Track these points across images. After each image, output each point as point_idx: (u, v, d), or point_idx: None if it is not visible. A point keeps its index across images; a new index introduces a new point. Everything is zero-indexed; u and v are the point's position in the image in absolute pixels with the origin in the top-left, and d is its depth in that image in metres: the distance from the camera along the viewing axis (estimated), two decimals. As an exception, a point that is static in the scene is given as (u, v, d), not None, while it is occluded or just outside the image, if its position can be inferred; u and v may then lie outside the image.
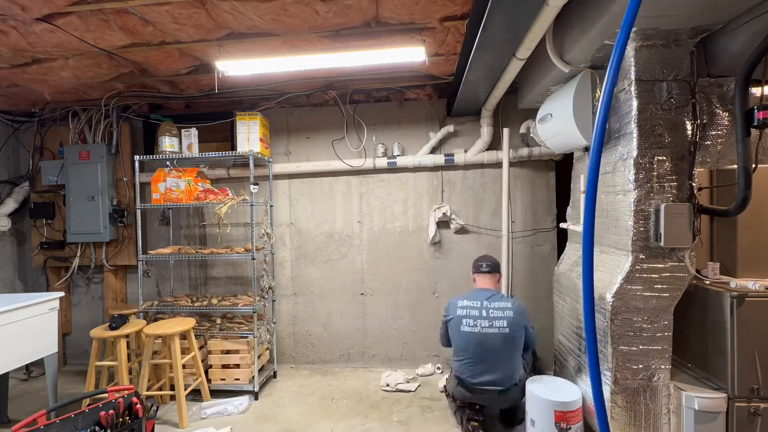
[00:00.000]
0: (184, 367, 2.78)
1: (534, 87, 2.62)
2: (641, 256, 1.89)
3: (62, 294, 2.69)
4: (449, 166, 3.36)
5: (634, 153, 1.88)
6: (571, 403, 2.09)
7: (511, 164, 3.31)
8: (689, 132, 1.87)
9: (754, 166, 1.73)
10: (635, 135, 1.88)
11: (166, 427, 2.64)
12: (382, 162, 3.39)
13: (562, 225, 2.68)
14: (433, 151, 3.39)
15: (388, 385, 3.10)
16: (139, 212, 3.22)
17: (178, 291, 3.64)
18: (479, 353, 2.34)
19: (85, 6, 1.99)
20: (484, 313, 2.36)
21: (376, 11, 2.14)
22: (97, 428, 1.96)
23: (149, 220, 3.68)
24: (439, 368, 3.37)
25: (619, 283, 1.91)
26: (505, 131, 3.12)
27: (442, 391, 2.98)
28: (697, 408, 1.82)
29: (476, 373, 2.35)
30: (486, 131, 3.23)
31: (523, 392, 2.34)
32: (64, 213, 3.57)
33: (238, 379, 3.00)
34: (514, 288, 3.34)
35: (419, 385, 3.13)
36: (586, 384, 2.22)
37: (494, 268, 2.60)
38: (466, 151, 3.30)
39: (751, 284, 1.86)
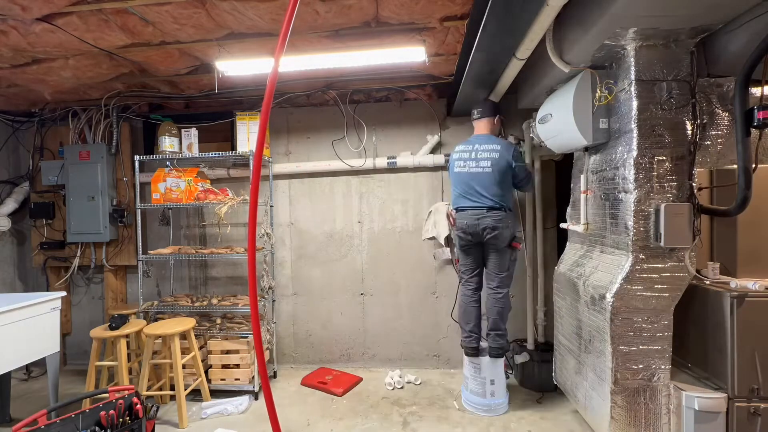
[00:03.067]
0: (184, 367, 2.78)
1: (534, 87, 2.62)
2: (641, 256, 1.89)
3: (64, 293, 2.68)
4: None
5: (634, 153, 1.88)
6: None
7: (511, 164, 3.32)
8: (689, 132, 1.87)
9: (754, 166, 1.73)
10: (635, 135, 1.88)
11: (166, 427, 2.64)
12: (382, 162, 3.39)
13: (562, 225, 2.67)
14: (433, 151, 3.39)
15: (389, 384, 3.11)
16: (139, 212, 3.22)
17: (178, 291, 3.64)
18: (467, 189, 2.68)
19: (85, 6, 1.99)
20: (473, 155, 2.66)
21: (376, 11, 2.14)
22: (97, 428, 1.96)
23: (149, 220, 3.69)
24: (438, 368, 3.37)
25: (619, 283, 1.91)
26: (525, 128, 3.11)
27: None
28: (697, 408, 1.82)
29: (466, 202, 2.70)
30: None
31: (510, 224, 2.64)
32: (64, 213, 3.57)
33: (238, 379, 3.00)
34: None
35: (420, 385, 3.14)
36: (588, 383, 2.22)
37: (485, 113, 2.73)
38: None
39: (751, 284, 1.86)
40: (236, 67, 2.62)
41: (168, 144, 3.17)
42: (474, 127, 2.82)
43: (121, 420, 2.05)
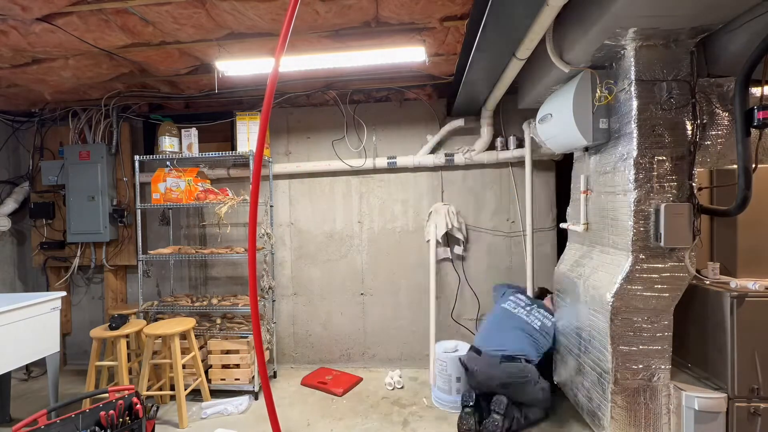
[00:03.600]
0: (184, 367, 2.78)
1: (534, 87, 2.62)
2: (641, 256, 1.89)
3: (64, 293, 2.69)
4: (449, 166, 3.36)
5: (634, 153, 1.88)
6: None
7: (512, 164, 3.32)
8: (689, 132, 1.87)
9: (754, 166, 1.73)
10: (635, 135, 1.88)
11: (166, 427, 2.64)
12: (382, 162, 3.39)
13: (562, 225, 2.68)
14: (433, 151, 3.39)
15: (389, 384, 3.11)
16: (139, 212, 3.22)
17: (178, 291, 3.64)
18: (498, 326, 2.61)
19: (85, 6, 1.99)
20: (526, 310, 2.70)
21: (376, 11, 2.14)
22: (97, 428, 1.96)
23: (149, 220, 3.69)
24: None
25: (619, 283, 1.91)
26: (526, 127, 3.11)
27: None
28: (697, 408, 1.82)
29: (488, 340, 2.58)
30: (486, 131, 3.23)
31: (536, 383, 2.40)
32: (64, 213, 3.57)
33: (238, 379, 3.00)
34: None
35: (420, 385, 3.14)
36: (588, 383, 2.22)
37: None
38: (466, 151, 3.30)
39: (751, 284, 1.86)
40: (236, 67, 2.62)
41: (168, 144, 3.17)
42: None
43: (121, 420, 2.05)
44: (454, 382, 2.76)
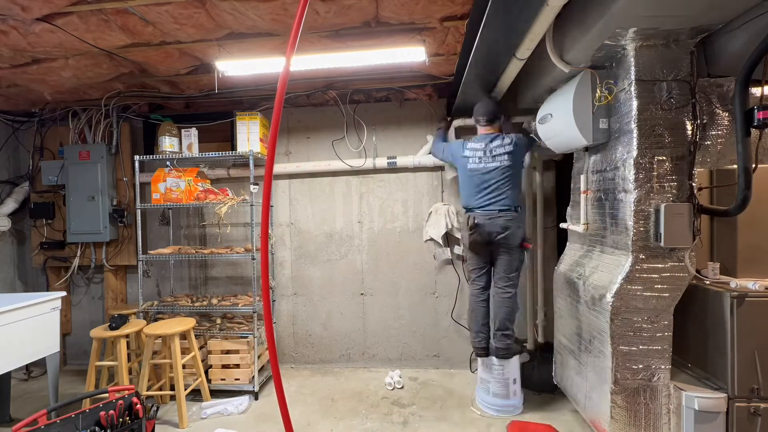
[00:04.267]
0: (184, 367, 2.78)
1: (534, 87, 2.62)
2: (641, 256, 1.89)
3: (64, 293, 2.68)
4: (449, 166, 3.36)
5: (634, 153, 1.88)
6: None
7: (511, 164, 3.32)
8: (689, 132, 1.87)
9: (754, 166, 1.73)
10: (635, 135, 1.88)
11: (166, 427, 2.64)
12: (382, 162, 3.39)
13: (562, 225, 2.68)
14: (433, 151, 3.39)
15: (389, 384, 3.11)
16: (139, 212, 3.22)
17: (178, 291, 3.64)
18: (479, 188, 2.64)
19: (85, 6, 1.99)
20: (488, 153, 2.63)
21: (376, 11, 2.14)
22: (97, 428, 1.96)
23: (149, 220, 3.69)
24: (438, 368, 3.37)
25: (619, 283, 1.91)
26: (526, 127, 3.11)
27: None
28: (697, 408, 1.82)
29: (477, 201, 2.66)
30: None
31: (521, 224, 2.68)
32: (64, 213, 3.57)
33: (238, 379, 3.00)
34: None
35: (420, 385, 3.14)
36: (588, 383, 2.22)
37: (491, 117, 2.70)
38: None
39: (751, 284, 1.86)
40: (236, 67, 2.62)
41: (168, 144, 3.17)
42: (478, 130, 2.78)
43: (121, 420, 2.05)
44: (512, 384, 2.67)
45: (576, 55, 2.01)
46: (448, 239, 3.38)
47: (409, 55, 2.49)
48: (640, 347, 1.92)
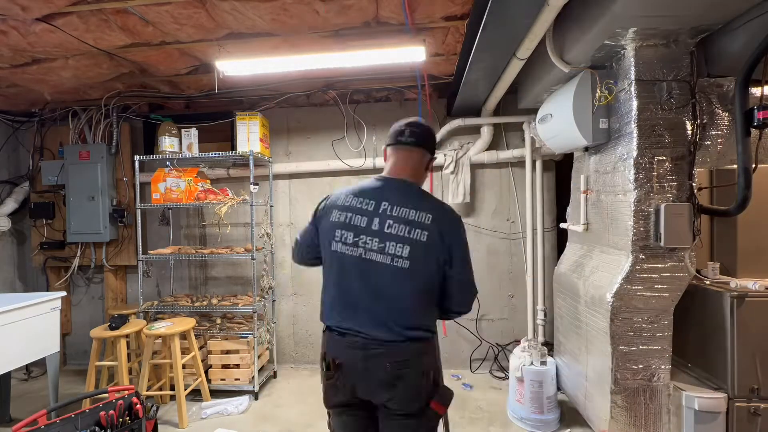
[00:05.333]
0: (184, 367, 2.78)
1: (534, 87, 2.62)
2: (641, 256, 1.89)
3: (64, 293, 2.68)
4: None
5: (634, 153, 1.88)
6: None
7: (512, 164, 3.32)
8: (689, 132, 1.87)
9: (754, 166, 1.73)
10: (635, 135, 1.88)
11: (166, 427, 2.64)
12: (383, 162, 3.38)
13: (562, 225, 2.68)
14: (433, 151, 3.38)
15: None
16: (139, 212, 3.21)
17: (178, 291, 3.64)
18: (352, 290, 1.30)
19: (85, 6, 1.99)
20: (376, 224, 1.28)
21: (376, 11, 2.14)
22: (97, 428, 1.96)
23: (149, 220, 3.68)
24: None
25: (619, 283, 1.91)
26: (526, 127, 3.11)
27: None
28: (697, 408, 1.82)
29: (345, 317, 1.31)
30: (486, 131, 3.23)
31: (431, 361, 1.31)
32: (64, 213, 3.57)
33: (238, 379, 3.00)
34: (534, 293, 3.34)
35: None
36: (588, 383, 2.22)
37: (422, 141, 1.39)
38: (466, 151, 3.30)
39: (751, 284, 1.86)
40: (236, 67, 2.62)
41: (168, 144, 3.17)
42: (387, 157, 1.46)
43: (121, 420, 2.05)
44: (546, 403, 2.45)
45: (576, 55, 2.01)
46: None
47: (409, 55, 2.49)
48: (640, 347, 1.92)
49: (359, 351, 1.26)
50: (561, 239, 3.14)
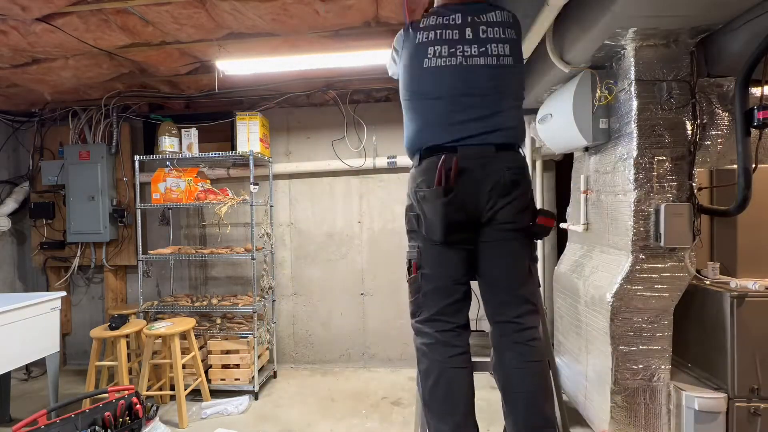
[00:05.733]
0: (184, 367, 2.78)
1: (534, 87, 2.62)
2: (641, 256, 1.89)
3: (64, 293, 2.68)
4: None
5: (634, 153, 1.88)
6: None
7: (511, 164, 3.32)
8: (689, 132, 1.87)
9: (754, 166, 1.72)
10: (635, 135, 1.88)
11: (166, 426, 2.64)
12: (382, 162, 3.39)
13: (562, 225, 2.68)
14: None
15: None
16: (139, 212, 3.22)
17: (178, 291, 3.64)
18: (458, 99, 1.30)
19: (85, 6, 1.99)
20: (469, 33, 1.30)
21: (376, 11, 2.14)
22: (97, 428, 1.96)
23: (149, 220, 3.68)
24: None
25: (619, 283, 1.90)
26: (528, 126, 3.10)
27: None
28: (697, 408, 1.81)
29: (453, 129, 1.29)
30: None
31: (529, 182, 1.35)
32: (64, 213, 3.57)
33: (238, 379, 3.00)
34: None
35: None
36: (588, 383, 2.22)
37: None
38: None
39: (751, 284, 1.86)
40: (236, 67, 2.62)
41: (168, 144, 3.17)
42: None
43: (121, 420, 2.05)
44: None
45: (576, 55, 2.00)
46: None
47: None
48: (640, 347, 1.92)
49: (475, 160, 1.26)
50: (561, 239, 3.14)
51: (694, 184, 1.87)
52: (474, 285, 1.40)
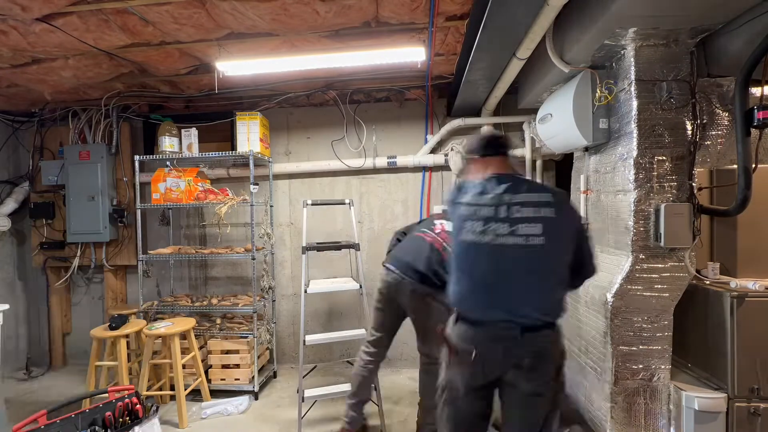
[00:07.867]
0: (184, 367, 2.78)
1: (534, 87, 2.62)
2: (641, 256, 1.89)
3: (7, 306, 2.55)
4: (449, 165, 3.36)
5: (634, 153, 1.88)
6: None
7: (511, 164, 3.33)
8: (689, 132, 1.87)
9: (754, 166, 1.72)
10: (635, 135, 1.88)
11: (166, 427, 2.64)
12: (382, 162, 3.39)
13: (562, 225, 2.67)
14: (434, 150, 3.39)
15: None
16: (139, 212, 3.21)
17: (178, 291, 3.64)
18: (485, 278, 1.38)
19: (85, 6, 1.99)
20: (502, 212, 1.37)
21: (376, 11, 2.14)
22: (97, 428, 1.96)
23: (149, 220, 3.68)
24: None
25: (619, 283, 1.91)
26: (526, 127, 3.11)
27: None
28: (697, 408, 1.82)
29: (478, 305, 1.40)
30: (486, 131, 3.23)
31: (560, 347, 1.45)
32: (64, 213, 3.56)
33: (238, 379, 3.00)
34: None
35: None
36: (588, 383, 2.22)
37: (507, 148, 1.54)
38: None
39: (751, 284, 1.86)
40: (236, 67, 2.62)
41: (168, 144, 3.17)
42: (477, 166, 1.55)
43: (121, 420, 2.05)
44: None
45: (576, 55, 2.01)
46: (448, 239, 3.38)
47: (409, 55, 2.49)
48: (640, 347, 1.92)
49: (497, 343, 1.35)
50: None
51: (694, 184, 1.87)
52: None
